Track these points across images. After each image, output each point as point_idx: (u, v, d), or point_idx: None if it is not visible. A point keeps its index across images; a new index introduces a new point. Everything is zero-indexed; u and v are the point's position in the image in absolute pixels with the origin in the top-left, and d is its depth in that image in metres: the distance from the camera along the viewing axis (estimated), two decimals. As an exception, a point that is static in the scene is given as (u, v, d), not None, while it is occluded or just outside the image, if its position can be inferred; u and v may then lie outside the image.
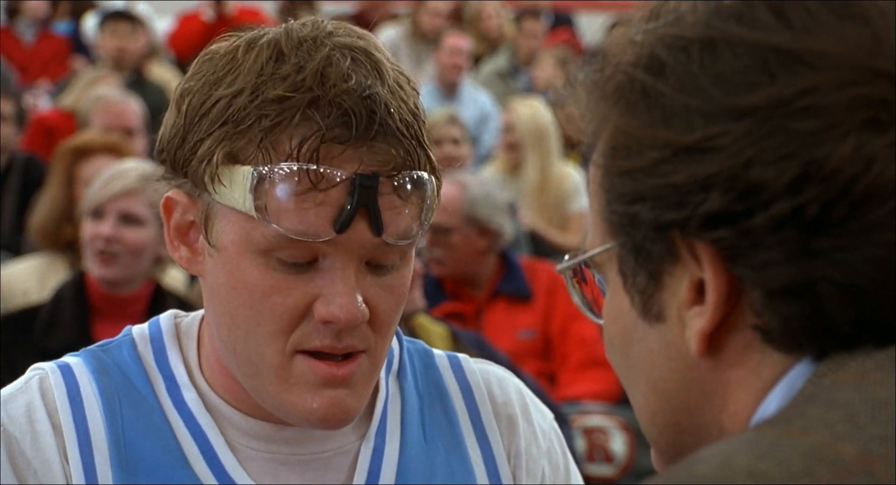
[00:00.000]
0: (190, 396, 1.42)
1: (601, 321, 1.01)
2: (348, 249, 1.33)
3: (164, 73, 8.48)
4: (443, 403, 1.49)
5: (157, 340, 1.45)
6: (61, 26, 9.97)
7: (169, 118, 1.39)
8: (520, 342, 4.63)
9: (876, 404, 0.84)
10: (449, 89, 8.17)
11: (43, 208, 4.24)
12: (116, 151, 4.36)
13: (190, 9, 9.44)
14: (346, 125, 1.31)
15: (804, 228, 0.87)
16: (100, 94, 6.18)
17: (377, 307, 1.36)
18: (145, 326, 1.47)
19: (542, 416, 1.53)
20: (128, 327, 1.48)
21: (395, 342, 1.50)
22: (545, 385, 4.49)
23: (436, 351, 1.53)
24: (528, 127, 6.69)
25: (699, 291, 0.91)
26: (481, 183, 5.00)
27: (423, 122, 1.37)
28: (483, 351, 3.86)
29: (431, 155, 1.37)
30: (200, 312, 1.46)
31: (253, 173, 1.32)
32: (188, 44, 8.71)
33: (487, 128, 8.01)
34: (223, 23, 8.53)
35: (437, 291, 4.70)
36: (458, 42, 8.31)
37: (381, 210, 1.33)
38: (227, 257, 1.35)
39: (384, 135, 1.33)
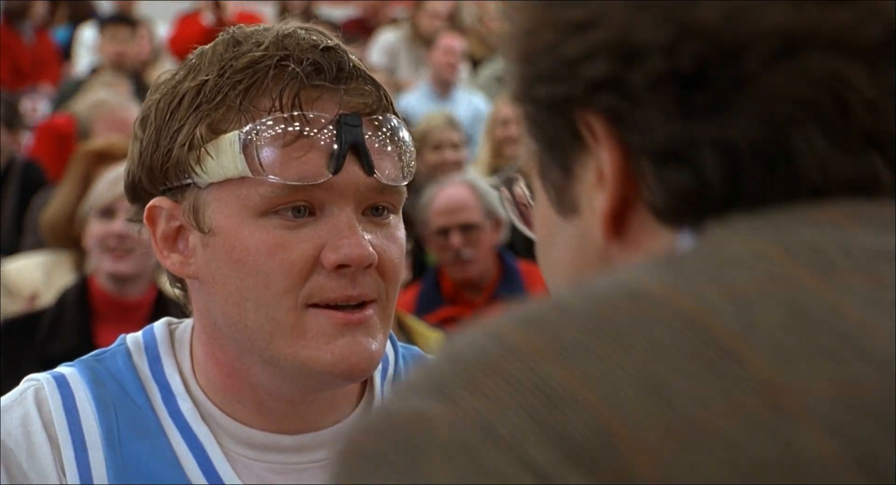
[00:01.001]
0: (186, 406, 1.41)
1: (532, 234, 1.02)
2: (344, 192, 1.35)
3: (164, 78, 8.47)
4: None
5: (151, 349, 1.44)
6: (59, 33, 9.95)
7: (134, 145, 1.40)
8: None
9: (717, 260, 0.85)
10: (443, 88, 8.17)
11: (56, 206, 4.20)
12: None
13: (188, 10, 9.43)
14: (318, 72, 1.35)
15: (680, 85, 0.89)
16: (101, 100, 6.15)
17: (383, 254, 1.36)
18: (139, 334, 1.46)
19: None
20: (122, 336, 1.46)
21: (390, 349, 1.49)
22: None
23: (430, 356, 1.52)
24: None
25: (603, 175, 0.93)
26: (479, 178, 5.05)
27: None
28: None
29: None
30: (192, 320, 1.45)
31: (239, 135, 1.33)
32: (188, 48, 8.69)
33: (481, 128, 8.02)
34: (223, 27, 8.53)
35: (436, 296, 4.69)
36: (452, 42, 8.32)
37: (369, 150, 1.35)
38: (225, 235, 1.35)
39: (356, 79, 1.36)
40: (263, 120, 1.33)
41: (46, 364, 1.53)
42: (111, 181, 3.57)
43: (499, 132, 6.70)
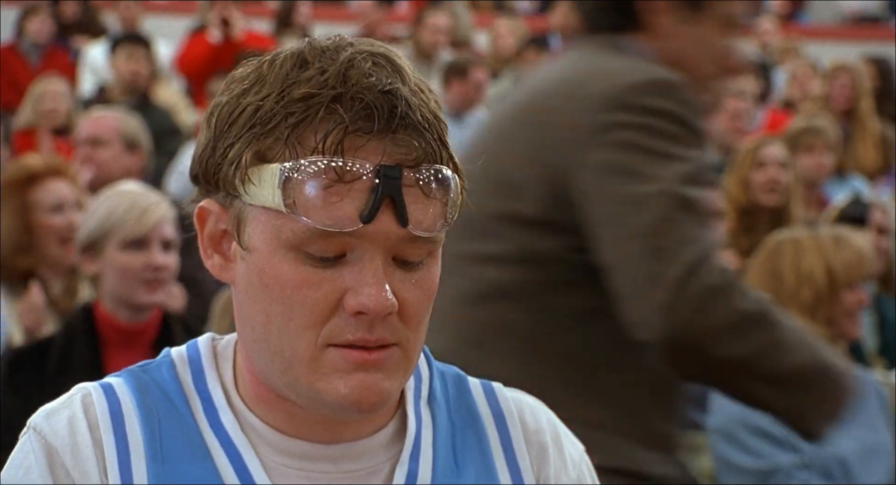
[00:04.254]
0: (226, 418, 1.44)
1: None
2: (375, 240, 1.36)
3: (169, 96, 8.47)
4: (475, 427, 1.51)
5: (195, 363, 1.47)
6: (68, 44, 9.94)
7: (201, 136, 1.44)
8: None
9: None
10: (458, 115, 8.16)
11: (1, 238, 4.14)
12: (62, 173, 4.29)
13: (192, 27, 9.42)
14: (368, 118, 1.35)
15: None
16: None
17: (406, 300, 1.38)
18: (183, 348, 1.50)
19: (573, 445, 1.55)
20: (167, 349, 1.50)
21: (425, 367, 1.52)
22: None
23: (469, 377, 1.55)
24: None
25: None
26: None
27: (444, 124, 1.41)
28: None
29: (454, 154, 1.40)
30: (234, 334, 1.49)
31: (281, 170, 1.36)
32: (195, 66, 8.69)
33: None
34: (230, 46, 8.53)
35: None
36: (483, 77, 8.37)
37: (406, 202, 1.36)
38: (258, 256, 1.39)
39: (405, 128, 1.36)
40: (305, 160, 1.35)
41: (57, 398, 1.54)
42: (138, 212, 3.54)
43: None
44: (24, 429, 1.45)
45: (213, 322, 3.96)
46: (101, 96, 7.94)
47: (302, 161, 1.35)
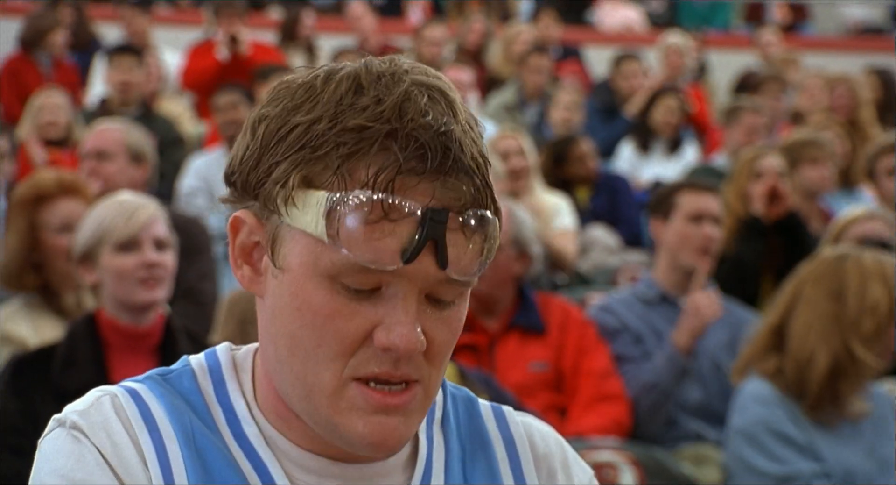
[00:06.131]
0: (250, 430, 1.44)
1: None
2: (412, 280, 1.36)
3: (173, 107, 8.47)
4: (485, 451, 1.52)
5: (216, 373, 1.48)
6: (73, 56, 9.93)
7: (242, 142, 1.43)
8: (531, 374, 4.61)
9: None
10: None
11: (8, 256, 4.17)
12: (73, 191, 4.28)
13: (198, 40, 9.41)
14: (421, 158, 1.35)
15: None
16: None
17: (434, 339, 1.39)
18: (202, 357, 1.49)
19: (583, 470, 1.56)
20: (185, 358, 1.50)
21: (439, 391, 1.51)
22: (556, 418, 4.47)
23: (480, 400, 1.56)
24: (531, 153, 6.76)
25: None
26: (522, 209, 4.98)
27: (489, 163, 1.41)
28: (491, 389, 3.84)
29: (495, 195, 1.40)
30: (253, 345, 1.49)
31: (328, 198, 1.35)
32: (200, 82, 8.68)
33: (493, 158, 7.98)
34: (238, 61, 8.51)
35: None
36: (459, 75, 8.21)
37: (448, 245, 1.36)
38: (292, 279, 1.38)
39: (456, 171, 1.36)
40: (353, 193, 1.34)
41: (61, 399, 1.52)
42: (126, 214, 3.61)
43: (518, 161, 6.67)
44: (53, 425, 1.43)
45: (217, 325, 3.97)
46: (104, 108, 7.93)
47: (350, 193, 1.34)
